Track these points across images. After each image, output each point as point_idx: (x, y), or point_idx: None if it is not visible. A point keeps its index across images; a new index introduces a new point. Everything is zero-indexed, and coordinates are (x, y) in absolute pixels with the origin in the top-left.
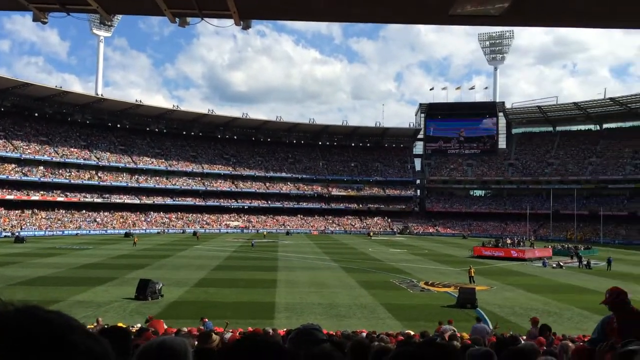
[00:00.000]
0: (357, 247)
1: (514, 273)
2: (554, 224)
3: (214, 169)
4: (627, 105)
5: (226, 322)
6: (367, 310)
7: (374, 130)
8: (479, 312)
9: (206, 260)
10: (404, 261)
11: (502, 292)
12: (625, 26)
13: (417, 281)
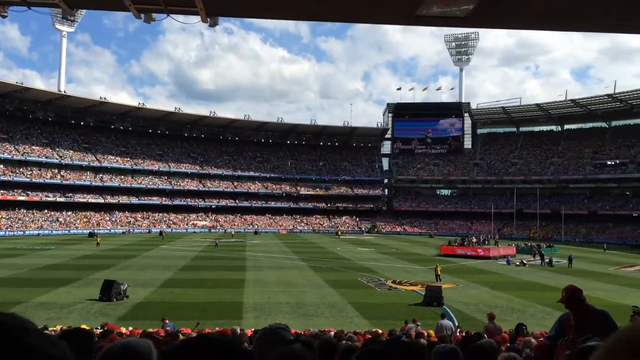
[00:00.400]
0: (326, 246)
1: (479, 271)
2: (517, 223)
3: (181, 167)
4: (587, 107)
5: (197, 322)
6: (335, 309)
7: (342, 129)
8: (445, 309)
9: (173, 260)
10: (372, 260)
11: (468, 289)
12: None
13: (384, 280)
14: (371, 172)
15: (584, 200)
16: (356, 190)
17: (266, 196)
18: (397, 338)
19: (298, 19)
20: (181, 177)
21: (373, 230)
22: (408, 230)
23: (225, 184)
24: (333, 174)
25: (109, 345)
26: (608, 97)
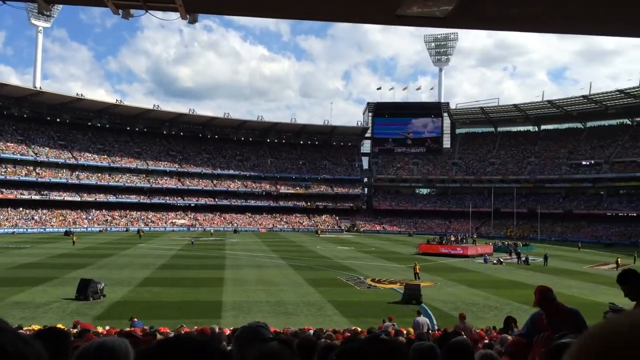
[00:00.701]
0: (305, 244)
1: (457, 269)
2: (495, 222)
3: (159, 165)
4: (563, 107)
5: (181, 325)
6: (315, 308)
7: (323, 128)
8: (424, 307)
9: (151, 259)
10: (351, 258)
11: (446, 287)
12: (562, 31)
13: (364, 278)
14: (351, 171)
15: (560, 199)
16: (336, 189)
17: (246, 195)
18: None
19: (278, 17)
20: (160, 175)
21: (353, 229)
22: (387, 229)
23: (205, 182)
24: (313, 173)
25: (85, 345)
26: (583, 99)
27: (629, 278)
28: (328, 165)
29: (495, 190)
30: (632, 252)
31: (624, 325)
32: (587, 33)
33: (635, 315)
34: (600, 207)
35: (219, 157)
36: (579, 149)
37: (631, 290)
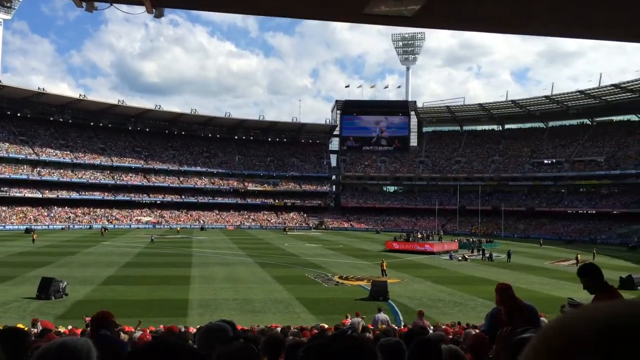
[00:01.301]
0: (273, 242)
1: (423, 266)
2: (460, 219)
3: (124, 162)
4: (526, 107)
5: (139, 321)
6: (282, 305)
7: (291, 125)
8: (390, 304)
9: (115, 257)
10: (319, 256)
11: (412, 284)
12: (527, 32)
13: (331, 275)
14: (319, 168)
15: (523, 197)
16: (304, 186)
17: (213, 192)
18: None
19: (245, 13)
20: (124, 172)
21: (320, 227)
22: (355, 227)
23: (171, 179)
24: (281, 170)
25: (46, 345)
26: (545, 99)
27: (589, 271)
28: (296, 163)
29: (461, 188)
30: (591, 248)
31: (580, 318)
32: (551, 35)
33: (591, 309)
34: (561, 204)
35: (186, 153)
36: (541, 148)
37: (589, 284)
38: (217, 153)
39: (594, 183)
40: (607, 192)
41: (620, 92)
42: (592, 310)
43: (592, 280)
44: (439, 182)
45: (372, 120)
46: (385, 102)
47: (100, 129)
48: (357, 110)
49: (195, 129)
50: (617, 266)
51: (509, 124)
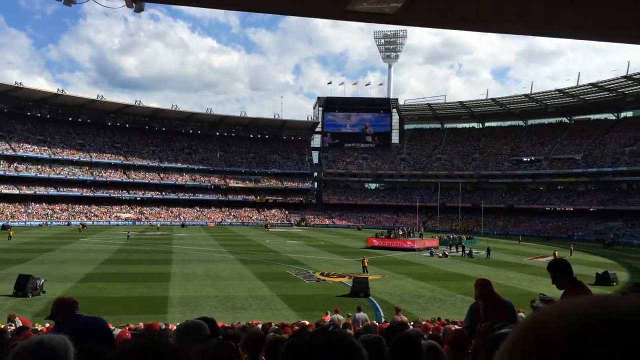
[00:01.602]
0: (254, 239)
1: (404, 262)
2: (441, 216)
3: (104, 158)
4: (506, 105)
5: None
6: (264, 302)
7: (273, 122)
8: (371, 300)
9: (94, 254)
10: (300, 252)
11: (393, 280)
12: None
13: (313, 272)
14: (301, 165)
15: (502, 194)
16: (286, 183)
17: (194, 188)
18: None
19: (225, 8)
20: (104, 168)
21: (302, 223)
22: (337, 223)
23: (151, 175)
24: (263, 167)
25: (23, 343)
26: (525, 97)
27: (559, 267)
28: (278, 160)
29: (442, 186)
30: (569, 245)
31: (553, 314)
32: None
33: (564, 304)
34: (539, 202)
35: (167, 149)
36: (520, 146)
37: (559, 279)
38: (198, 149)
39: (571, 181)
40: (584, 190)
41: (598, 91)
42: (564, 306)
43: (561, 276)
44: (420, 179)
45: (354, 118)
46: (367, 100)
47: (78, 124)
48: (339, 107)
49: (176, 125)
50: (594, 262)
51: (489, 122)
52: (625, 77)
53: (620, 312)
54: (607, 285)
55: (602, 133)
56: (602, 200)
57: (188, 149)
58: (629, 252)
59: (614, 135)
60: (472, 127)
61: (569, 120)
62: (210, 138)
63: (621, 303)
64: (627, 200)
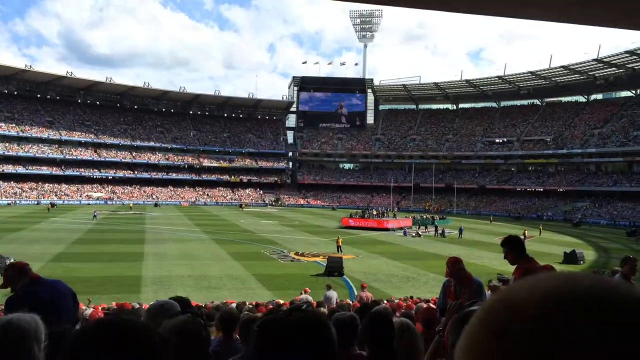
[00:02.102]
0: (229, 218)
1: (378, 242)
2: (414, 196)
3: (74, 136)
4: (479, 87)
5: (88, 299)
6: (238, 281)
7: (247, 101)
8: (345, 279)
9: (65, 233)
10: (275, 232)
11: (367, 260)
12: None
13: (287, 251)
14: (276, 145)
15: (475, 175)
16: (260, 162)
17: (167, 167)
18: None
19: None
20: (74, 146)
21: (277, 203)
22: (311, 203)
23: (123, 154)
24: (237, 146)
25: None
26: (498, 79)
27: (511, 242)
28: (253, 139)
29: (416, 166)
30: (538, 224)
31: (522, 290)
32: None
33: (532, 280)
34: (511, 182)
35: (139, 128)
36: (493, 128)
37: (511, 255)
38: (171, 128)
39: (541, 162)
40: (554, 171)
41: (569, 74)
42: (532, 282)
43: (514, 251)
44: (395, 160)
45: (329, 98)
46: (342, 80)
47: (47, 101)
48: (314, 87)
49: (148, 103)
50: (562, 242)
51: (463, 103)
52: (595, 60)
53: (585, 287)
54: (575, 264)
55: (573, 115)
56: (570, 181)
57: (161, 128)
58: (596, 232)
59: (584, 118)
60: (446, 108)
61: (540, 102)
62: (183, 117)
63: (586, 279)
64: (595, 181)
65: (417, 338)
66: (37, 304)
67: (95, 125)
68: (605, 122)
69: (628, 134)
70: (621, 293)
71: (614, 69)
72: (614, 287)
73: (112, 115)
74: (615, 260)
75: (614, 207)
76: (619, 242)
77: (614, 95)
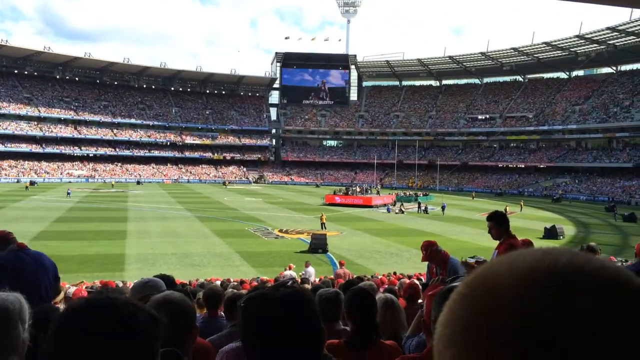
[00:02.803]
0: (212, 196)
1: (362, 219)
2: (398, 173)
3: (53, 112)
4: (462, 63)
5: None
6: (222, 259)
7: (230, 77)
8: (329, 256)
9: (46, 211)
10: (259, 209)
11: (351, 236)
12: None
13: (271, 229)
14: (259, 121)
15: (457, 152)
16: (244, 140)
17: (149, 145)
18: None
19: None
20: (53, 123)
21: (260, 180)
22: (295, 180)
23: (104, 131)
24: (220, 123)
25: None
26: (481, 55)
27: (497, 218)
28: (235, 116)
29: (399, 143)
30: (519, 200)
31: (502, 266)
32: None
33: (513, 256)
34: (493, 159)
35: (119, 104)
36: (475, 104)
37: (496, 229)
38: (153, 105)
39: (523, 138)
40: (535, 147)
41: (551, 50)
42: (513, 258)
43: (500, 226)
44: (378, 137)
45: (313, 74)
46: (325, 56)
47: (25, 77)
48: (297, 63)
49: (128, 79)
50: (542, 217)
51: (446, 80)
52: (577, 36)
53: (563, 263)
54: (555, 239)
55: (554, 92)
56: (551, 158)
57: (142, 105)
58: (576, 207)
59: (565, 94)
60: (430, 85)
61: (523, 78)
62: (164, 93)
63: (564, 254)
64: (575, 157)
65: (401, 313)
66: (23, 271)
67: (75, 102)
68: (586, 99)
69: (608, 111)
70: (596, 267)
71: (595, 46)
72: (590, 261)
73: (92, 91)
74: (594, 235)
75: (593, 182)
76: (598, 218)
77: (595, 71)
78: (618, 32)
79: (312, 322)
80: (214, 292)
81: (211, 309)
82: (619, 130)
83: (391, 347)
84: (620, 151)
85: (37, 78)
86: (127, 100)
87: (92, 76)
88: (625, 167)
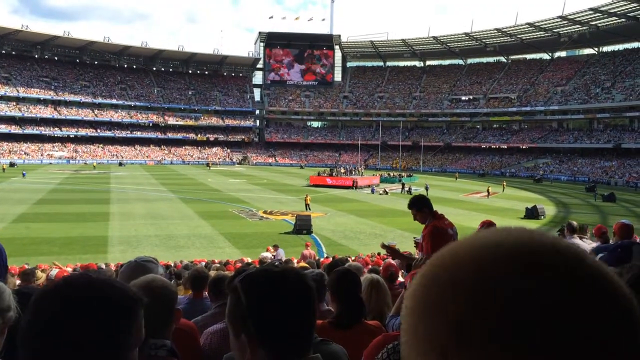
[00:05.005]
0: (196, 177)
1: (346, 200)
2: (382, 154)
3: (32, 93)
4: (446, 44)
5: (54, 263)
6: (206, 240)
7: (212, 57)
8: (314, 237)
9: (26, 193)
10: (243, 191)
11: (335, 217)
12: None
13: (256, 210)
14: (242, 102)
15: (441, 133)
16: (227, 121)
17: (131, 126)
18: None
19: None
20: (32, 104)
21: (244, 162)
22: (279, 162)
23: (85, 111)
24: (203, 104)
25: None
26: (465, 36)
27: (419, 203)
28: (219, 97)
29: (383, 124)
30: (501, 181)
31: (463, 246)
32: None
33: (473, 237)
34: (476, 140)
35: (100, 85)
36: (459, 85)
37: (420, 215)
38: (134, 85)
39: (506, 119)
40: (517, 128)
41: (534, 31)
42: (472, 239)
43: (421, 210)
44: (362, 118)
45: (297, 54)
46: (309, 36)
47: (2, 56)
48: (280, 43)
49: (109, 58)
50: (524, 197)
51: (430, 60)
52: (560, 17)
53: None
54: (536, 219)
55: (537, 72)
56: (533, 138)
57: (123, 85)
58: (557, 188)
59: (548, 75)
60: (414, 66)
61: (506, 59)
62: (146, 73)
63: (524, 232)
64: (557, 138)
65: (386, 293)
66: None
67: (55, 82)
68: (568, 80)
69: (590, 92)
70: (542, 241)
71: (577, 27)
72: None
73: (72, 71)
74: (574, 215)
75: (574, 163)
76: (578, 198)
77: (577, 52)
78: (600, 13)
79: (310, 295)
80: (199, 273)
81: (196, 291)
82: (600, 111)
83: (374, 326)
84: (600, 132)
85: (14, 57)
86: (107, 80)
87: (72, 55)
88: (605, 147)
